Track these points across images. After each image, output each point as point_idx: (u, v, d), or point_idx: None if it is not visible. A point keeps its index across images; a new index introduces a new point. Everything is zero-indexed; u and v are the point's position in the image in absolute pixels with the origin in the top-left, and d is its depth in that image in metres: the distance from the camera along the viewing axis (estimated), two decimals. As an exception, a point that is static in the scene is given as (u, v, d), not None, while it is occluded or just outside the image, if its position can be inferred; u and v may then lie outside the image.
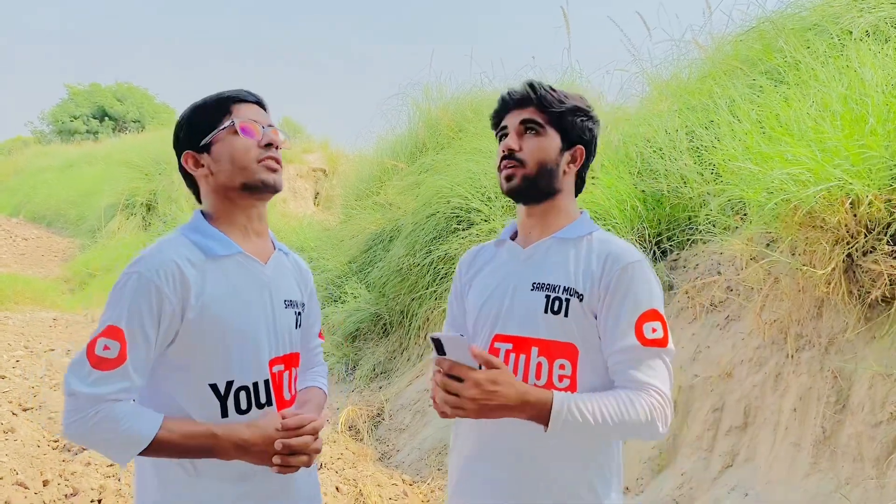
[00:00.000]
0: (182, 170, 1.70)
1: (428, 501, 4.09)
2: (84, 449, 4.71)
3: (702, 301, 3.73)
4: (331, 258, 7.73)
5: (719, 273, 3.70)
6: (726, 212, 3.73)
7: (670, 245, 4.15)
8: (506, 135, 1.74)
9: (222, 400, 1.55)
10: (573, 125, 1.71)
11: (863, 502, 2.71)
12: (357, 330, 6.59)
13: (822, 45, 3.79)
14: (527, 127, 1.71)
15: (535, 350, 1.62)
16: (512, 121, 1.73)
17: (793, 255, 3.20)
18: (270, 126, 1.67)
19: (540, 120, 1.70)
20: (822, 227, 2.97)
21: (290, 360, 1.71)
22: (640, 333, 1.57)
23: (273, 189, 1.65)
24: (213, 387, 1.54)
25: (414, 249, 6.14)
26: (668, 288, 4.03)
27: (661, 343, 1.57)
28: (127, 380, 1.44)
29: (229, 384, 1.56)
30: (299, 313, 1.76)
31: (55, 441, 4.94)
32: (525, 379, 1.61)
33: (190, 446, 1.48)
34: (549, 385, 1.60)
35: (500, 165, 1.74)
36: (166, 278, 1.49)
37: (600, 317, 1.61)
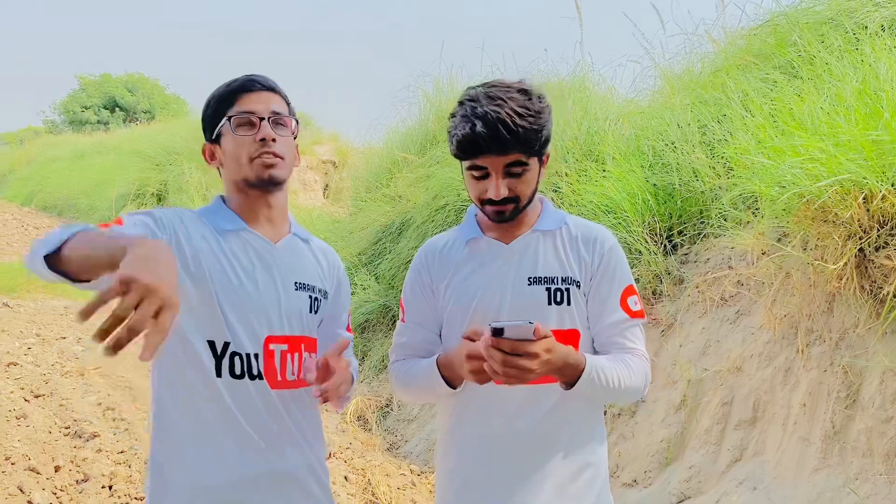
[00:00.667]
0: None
1: (434, 493, 4.11)
2: (96, 435, 4.75)
3: (712, 295, 3.73)
4: (340, 250, 7.74)
5: (730, 267, 3.69)
6: (738, 206, 3.72)
7: (681, 239, 4.15)
8: (485, 175, 1.64)
9: (217, 359, 1.56)
10: (546, 140, 1.66)
11: (872, 498, 2.71)
12: (366, 321, 6.61)
13: (836, 39, 3.77)
14: (512, 171, 1.63)
15: None
16: (492, 164, 1.62)
17: (804, 249, 3.19)
18: (273, 114, 1.64)
19: (523, 160, 1.63)
20: (834, 221, 2.96)
21: (296, 343, 1.66)
22: (626, 307, 1.71)
23: (270, 184, 1.64)
24: (211, 344, 1.56)
25: (423, 241, 6.14)
26: (679, 282, 4.03)
27: (641, 314, 1.73)
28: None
29: (226, 345, 1.56)
30: (316, 298, 1.73)
31: (66, 428, 4.98)
32: None
33: (89, 245, 1.32)
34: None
35: (483, 205, 1.68)
36: (168, 215, 1.60)
37: (590, 296, 1.71)
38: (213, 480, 1.55)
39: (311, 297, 1.72)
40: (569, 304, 1.68)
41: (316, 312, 1.74)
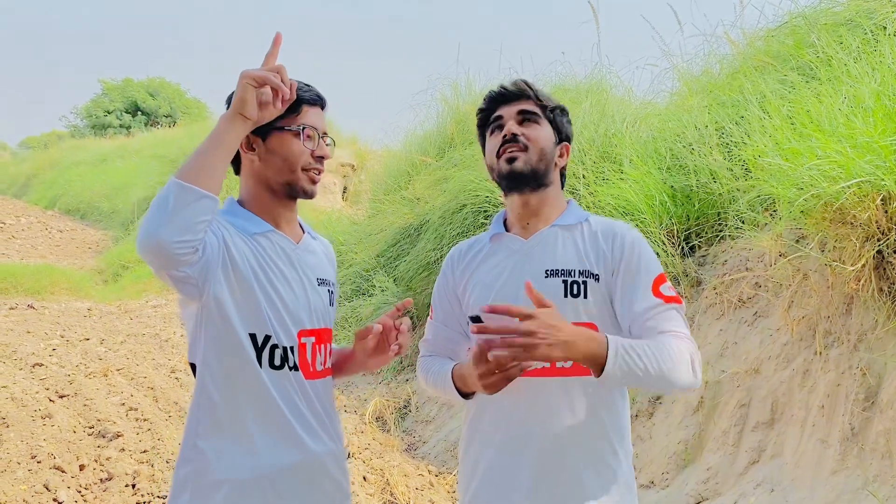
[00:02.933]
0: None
1: (454, 492, 4.13)
2: (119, 435, 4.83)
3: (730, 297, 3.73)
4: (359, 252, 7.80)
5: (748, 269, 3.69)
6: (755, 208, 3.72)
7: (699, 241, 4.15)
8: (500, 126, 1.80)
9: (258, 351, 1.64)
10: (562, 122, 1.82)
11: (891, 500, 2.70)
12: (385, 323, 6.65)
13: (855, 40, 3.76)
14: (525, 117, 1.78)
15: None
16: (508, 111, 1.80)
17: (822, 251, 3.19)
18: (325, 134, 1.76)
19: (537, 110, 1.79)
20: (852, 223, 2.96)
21: (322, 335, 1.77)
22: (659, 294, 1.68)
23: (309, 196, 1.75)
24: (252, 336, 1.63)
25: (441, 244, 6.18)
26: (697, 284, 4.03)
27: (678, 300, 1.70)
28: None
29: (267, 338, 1.64)
30: (331, 291, 1.84)
31: (90, 427, 5.07)
32: (553, 363, 1.66)
33: (203, 146, 1.54)
34: (576, 365, 1.66)
35: (499, 151, 1.77)
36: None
37: (617, 287, 1.70)
38: (252, 473, 1.61)
39: (328, 291, 1.83)
40: (585, 297, 1.69)
41: (332, 305, 1.84)
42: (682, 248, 4.13)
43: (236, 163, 1.76)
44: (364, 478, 4.16)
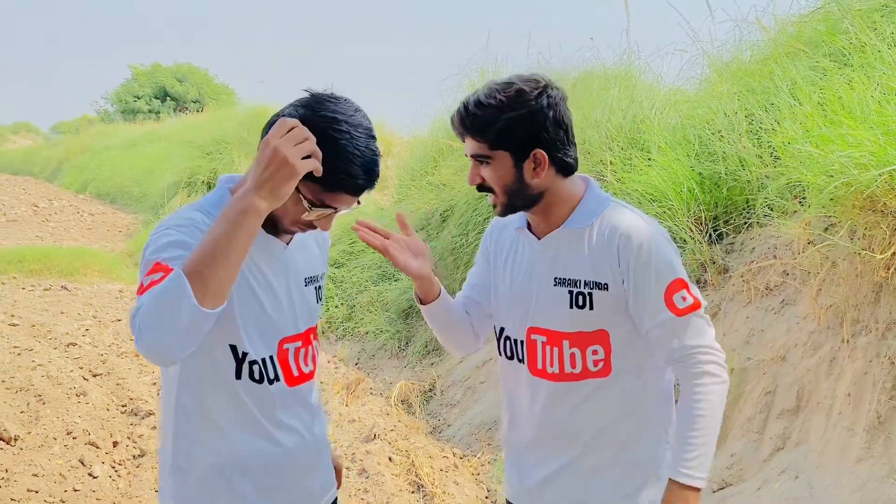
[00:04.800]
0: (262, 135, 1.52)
1: (478, 474, 4.18)
2: (151, 413, 4.94)
3: (757, 285, 3.72)
4: (385, 237, 7.85)
5: (775, 257, 3.68)
6: (785, 195, 3.70)
7: (727, 228, 4.14)
8: None
9: (238, 363, 1.58)
10: (517, 137, 1.62)
11: (917, 488, 2.70)
12: (410, 307, 6.71)
13: (889, 27, 3.71)
14: (477, 160, 1.68)
15: (566, 343, 1.70)
16: (466, 152, 1.70)
17: (851, 239, 3.17)
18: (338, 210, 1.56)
19: (482, 151, 1.65)
20: (882, 211, 2.94)
21: (307, 336, 1.72)
22: (671, 306, 1.64)
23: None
24: (233, 348, 1.57)
25: (467, 229, 6.21)
26: (724, 271, 4.03)
27: (694, 307, 1.65)
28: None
29: (244, 355, 1.59)
30: (319, 286, 1.77)
31: (123, 406, 5.19)
32: (561, 369, 1.71)
33: (214, 236, 1.33)
34: (585, 371, 1.70)
35: None
36: (187, 231, 1.49)
37: (629, 296, 1.66)
38: (225, 459, 1.62)
39: (316, 287, 1.76)
40: (591, 308, 1.67)
41: (320, 300, 1.79)
42: (710, 235, 4.13)
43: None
44: (389, 458, 4.23)
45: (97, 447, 4.47)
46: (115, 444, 4.57)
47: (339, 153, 1.44)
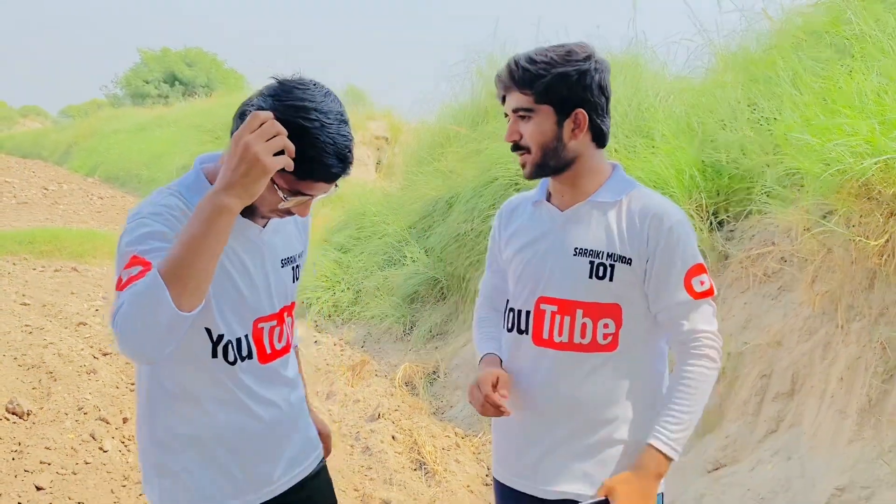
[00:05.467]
0: (235, 124, 1.52)
1: (479, 453, 4.28)
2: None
3: (755, 271, 3.79)
4: (391, 223, 7.93)
5: (774, 244, 3.74)
6: (784, 183, 3.76)
7: (727, 216, 4.20)
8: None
9: (214, 344, 1.62)
10: (563, 93, 1.68)
11: (905, 470, 2.78)
12: (415, 292, 6.79)
13: (890, 17, 3.76)
14: (518, 114, 1.72)
15: (579, 312, 1.74)
16: (507, 106, 1.75)
17: (847, 226, 3.23)
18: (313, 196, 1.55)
19: (526, 104, 1.70)
20: (877, 199, 3.00)
21: (281, 315, 1.74)
22: (690, 289, 1.71)
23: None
24: (208, 330, 1.60)
25: (472, 216, 6.27)
26: (724, 258, 4.09)
27: (709, 293, 1.74)
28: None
29: (220, 336, 1.61)
30: (297, 266, 1.80)
31: (132, 384, 5.30)
32: (571, 338, 1.75)
33: (187, 237, 1.34)
34: (594, 342, 1.75)
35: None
36: (163, 219, 1.50)
37: (650, 275, 1.72)
38: (207, 431, 1.67)
39: (293, 267, 1.79)
40: (611, 279, 1.72)
41: (297, 279, 1.82)
42: (711, 222, 4.18)
43: (233, 130, 1.53)
44: (393, 437, 4.33)
45: (107, 423, 4.58)
46: (124, 420, 4.67)
47: (311, 143, 1.43)
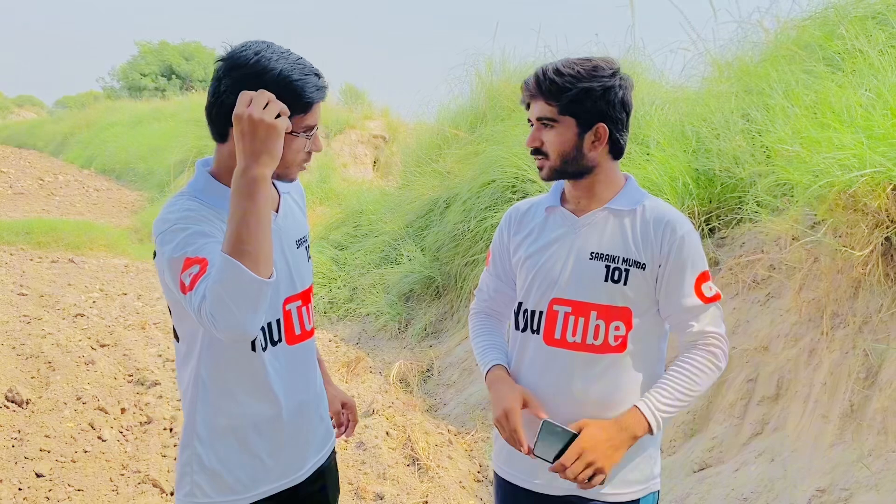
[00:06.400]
0: (220, 123, 1.64)
1: (471, 450, 4.36)
2: (157, 383, 5.12)
3: (745, 278, 3.88)
4: (389, 221, 8.01)
5: (763, 252, 3.84)
6: (775, 193, 3.86)
7: (719, 223, 4.30)
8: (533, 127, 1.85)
9: None
10: (586, 107, 1.76)
11: (883, 472, 2.87)
12: (411, 291, 6.87)
13: (882, 34, 3.86)
14: (542, 123, 1.81)
15: (594, 314, 1.82)
16: (532, 113, 1.83)
17: (834, 236, 3.33)
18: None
19: (550, 114, 1.78)
20: (863, 210, 3.09)
21: (306, 296, 1.84)
22: (700, 294, 1.82)
23: (291, 181, 1.76)
24: None
25: (469, 216, 6.36)
26: (714, 264, 4.18)
27: (717, 297, 1.85)
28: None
29: None
30: (307, 245, 1.89)
31: (130, 375, 5.37)
32: (584, 339, 1.83)
33: (237, 216, 1.45)
34: (605, 344, 1.83)
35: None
36: (194, 219, 1.59)
37: (662, 281, 1.82)
38: (238, 420, 1.76)
39: (306, 247, 1.89)
40: (625, 283, 1.80)
41: (310, 258, 1.92)
42: (703, 229, 4.28)
43: (219, 131, 1.67)
44: (387, 433, 4.41)
45: (106, 412, 4.65)
46: (122, 410, 4.75)
47: (284, 75, 1.56)
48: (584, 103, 1.76)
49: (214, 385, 1.73)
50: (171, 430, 4.52)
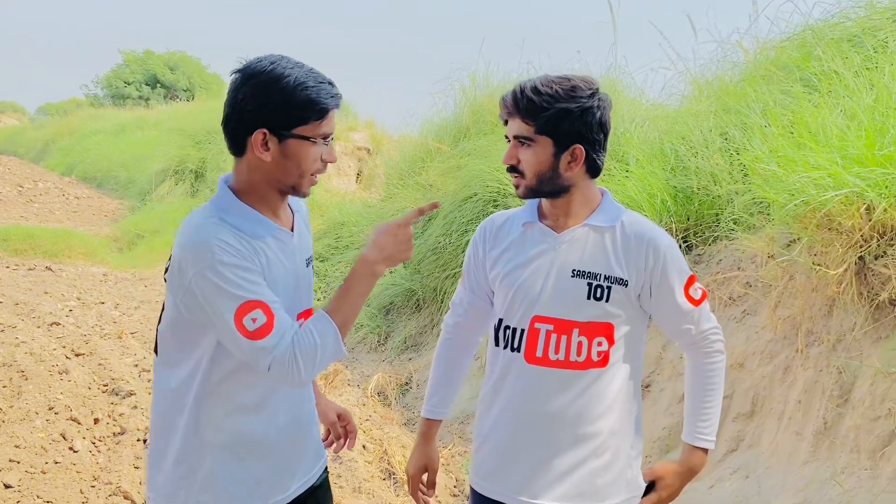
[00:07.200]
0: (239, 133, 1.66)
1: (448, 465, 4.34)
2: (132, 393, 5.06)
3: (721, 295, 3.91)
4: (370, 234, 7.99)
5: (740, 269, 3.87)
6: (752, 211, 3.90)
7: (696, 240, 4.33)
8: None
9: None
10: (563, 128, 1.75)
11: (855, 490, 2.89)
12: (391, 303, 6.86)
13: (856, 56, 3.92)
14: (519, 140, 1.79)
15: (576, 331, 1.82)
16: (509, 131, 1.81)
17: (810, 255, 3.36)
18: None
19: (527, 132, 1.77)
20: (837, 229, 3.13)
21: (308, 314, 1.83)
22: (690, 299, 1.87)
23: (305, 196, 1.78)
24: None
25: (450, 230, 6.36)
26: (692, 281, 4.22)
27: (704, 296, 1.92)
28: (284, 324, 1.61)
29: None
30: (312, 265, 1.90)
31: (105, 385, 5.30)
32: (567, 356, 1.82)
33: (355, 295, 1.70)
34: (588, 360, 1.83)
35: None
36: (237, 256, 1.60)
37: (651, 294, 1.84)
38: (237, 440, 1.75)
39: (311, 267, 1.90)
40: (607, 300, 1.80)
41: (315, 274, 1.99)
42: (680, 246, 4.31)
43: (236, 143, 1.69)
44: (364, 446, 4.38)
45: (78, 423, 4.59)
46: (95, 420, 4.68)
47: (297, 86, 1.61)
48: (561, 124, 1.74)
49: (216, 401, 1.72)
50: (144, 441, 4.46)
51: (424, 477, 2.12)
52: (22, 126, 36.50)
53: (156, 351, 1.77)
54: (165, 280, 1.70)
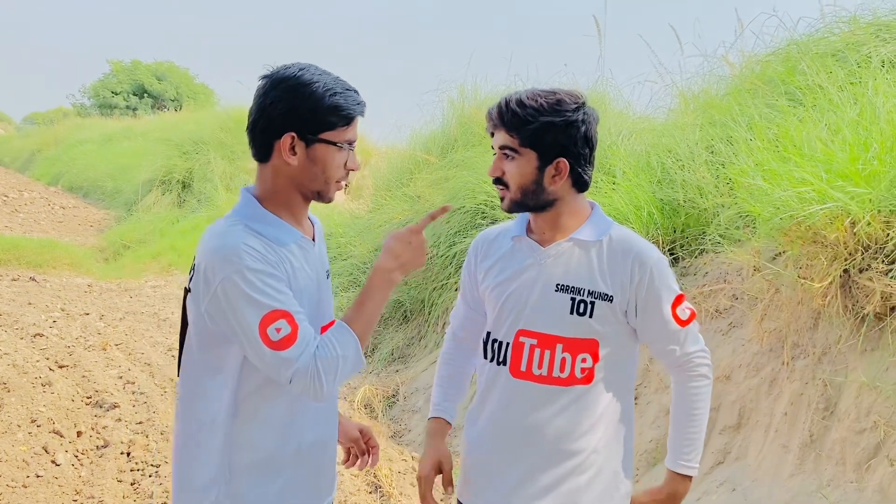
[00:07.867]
0: (266, 138, 1.66)
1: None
2: (116, 406, 5.01)
3: (707, 307, 3.92)
4: (358, 245, 7.97)
5: (726, 282, 3.89)
6: (737, 224, 3.92)
7: (683, 253, 4.34)
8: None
9: None
10: (547, 142, 1.74)
11: (842, 502, 2.90)
12: (379, 316, 6.83)
13: (841, 71, 3.96)
14: (504, 153, 1.79)
15: (559, 346, 1.80)
16: (494, 144, 1.82)
17: (795, 268, 3.38)
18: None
19: (512, 145, 1.76)
20: (822, 243, 3.15)
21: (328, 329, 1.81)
22: (677, 318, 1.83)
23: (329, 202, 1.78)
24: None
25: (438, 241, 6.36)
26: (678, 293, 4.23)
27: (692, 317, 1.88)
28: (307, 335, 1.60)
29: None
30: (330, 278, 1.89)
31: (88, 398, 5.25)
32: (550, 372, 1.81)
33: (374, 305, 1.69)
34: (572, 377, 1.81)
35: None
36: (264, 263, 1.60)
37: (637, 312, 1.82)
38: (274, 452, 1.72)
39: (330, 279, 1.88)
40: (590, 316, 1.78)
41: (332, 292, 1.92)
42: (666, 258, 4.33)
43: (263, 148, 1.68)
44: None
45: (61, 436, 4.54)
46: (79, 433, 4.63)
47: (326, 91, 1.63)
48: (545, 137, 1.74)
49: (250, 420, 1.69)
50: (128, 454, 4.42)
51: (438, 479, 2.02)
52: (8, 135, 36.24)
53: (178, 372, 1.74)
54: (187, 291, 1.68)
